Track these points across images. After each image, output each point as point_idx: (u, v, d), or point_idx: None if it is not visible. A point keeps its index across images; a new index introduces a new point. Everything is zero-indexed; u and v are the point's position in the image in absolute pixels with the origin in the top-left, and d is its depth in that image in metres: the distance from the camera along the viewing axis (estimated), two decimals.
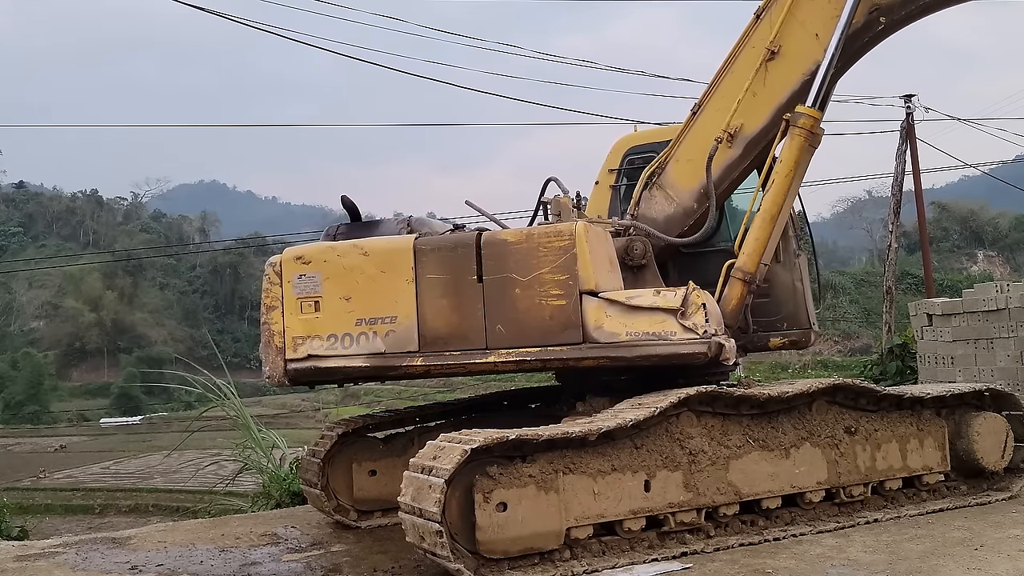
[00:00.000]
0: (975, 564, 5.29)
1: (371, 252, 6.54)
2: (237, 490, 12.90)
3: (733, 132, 6.96)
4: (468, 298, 6.24)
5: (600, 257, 6.26)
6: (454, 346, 6.27)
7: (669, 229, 7.07)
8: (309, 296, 6.57)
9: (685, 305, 5.92)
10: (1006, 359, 10.99)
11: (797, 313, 7.50)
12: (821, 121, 6.78)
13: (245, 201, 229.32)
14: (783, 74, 6.87)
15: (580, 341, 6.00)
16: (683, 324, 5.89)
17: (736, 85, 7.00)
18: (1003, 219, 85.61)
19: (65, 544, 7.23)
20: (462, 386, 47.99)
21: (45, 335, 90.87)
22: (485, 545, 5.12)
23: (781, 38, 6.87)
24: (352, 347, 6.45)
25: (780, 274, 7.38)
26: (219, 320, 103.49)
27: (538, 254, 6.13)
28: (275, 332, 6.62)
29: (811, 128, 6.66)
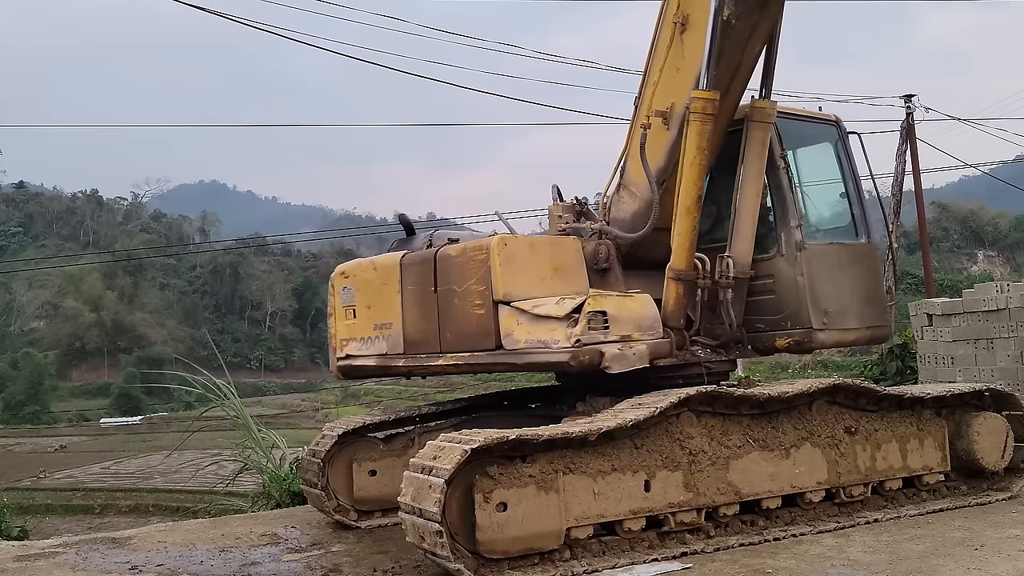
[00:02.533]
0: (975, 564, 5.29)
1: (378, 267, 7.57)
2: (237, 490, 12.89)
3: (667, 113, 6.75)
4: (428, 307, 6.99)
5: (519, 268, 6.56)
6: (422, 350, 7.06)
7: (636, 226, 6.95)
8: (349, 305, 7.71)
9: (574, 314, 6.12)
10: (1006, 359, 10.99)
11: (799, 312, 6.93)
12: (717, 101, 6.48)
13: (245, 201, 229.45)
14: (696, 44, 6.59)
15: (494, 347, 6.44)
16: (567, 332, 6.08)
17: (661, 65, 6.89)
18: (1003, 219, 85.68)
19: (65, 544, 7.23)
20: (462, 386, 48.01)
21: (45, 335, 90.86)
22: (485, 545, 5.11)
23: (685, 6, 6.68)
24: (370, 348, 7.54)
25: (782, 269, 6.96)
26: (219, 320, 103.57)
27: (468, 267, 6.67)
28: (331, 335, 7.87)
29: (705, 111, 6.44)
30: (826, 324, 6.96)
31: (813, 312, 6.91)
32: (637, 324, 6.31)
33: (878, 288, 7.58)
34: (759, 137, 6.86)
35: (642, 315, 6.40)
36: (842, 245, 7.34)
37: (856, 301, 7.20)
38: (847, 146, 7.60)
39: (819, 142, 7.70)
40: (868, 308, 7.28)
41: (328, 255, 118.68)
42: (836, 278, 7.15)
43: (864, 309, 7.26)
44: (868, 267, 7.41)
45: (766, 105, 6.94)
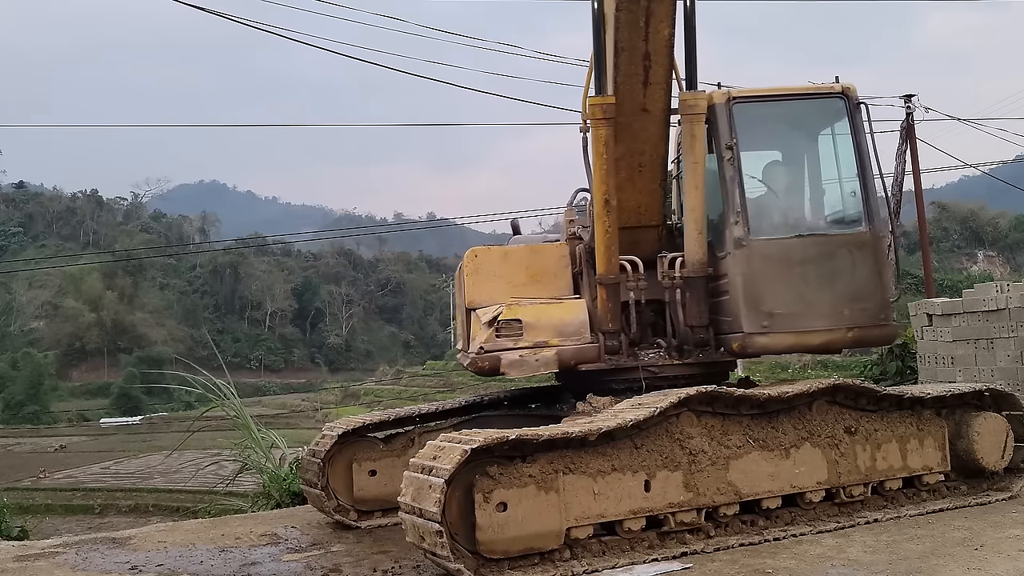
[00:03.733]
0: (975, 564, 5.29)
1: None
2: (237, 490, 12.88)
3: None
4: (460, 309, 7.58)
5: (487, 278, 7.09)
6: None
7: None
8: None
9: (493, 322, 6.65)
10: (1006, 359, 10.99)
11: (737, 316, 6.66)
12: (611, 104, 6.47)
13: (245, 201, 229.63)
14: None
15: (467, 349, 7.12)
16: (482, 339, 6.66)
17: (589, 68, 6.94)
18: (1003, 219, 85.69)
19: (65, 544, 7.23)
20: (462, 386, 48.03)
21: (45, 335, 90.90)
22: (485, 545, 5.11)
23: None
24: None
25: (729, 268, 6.74)
26: (219, 320, 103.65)
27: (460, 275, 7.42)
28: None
29: (595, 115, 6.49)
30: (767, 327, 6.55)
31: (748, 315, 6.57)
32: (557, 330, 6.70)
33: (872, 283, 6.73)
34: (687, 131, 6.69)
35: (565, 321, 6.77)
36: (814, 237, 6.80)
37: (827, 299, 6.62)
38: (855, 122, 6.99)
39: (819, 121, 7.26)
40: (850, 307, 6.62)
41: (328, 255, 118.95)
42: (792, 275, 6.64)
43: (841, 308, 6.62)
44: (857, 259, 6.72)
45: (688, 97, 6.67)
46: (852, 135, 6.96)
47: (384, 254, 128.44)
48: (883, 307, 6.75)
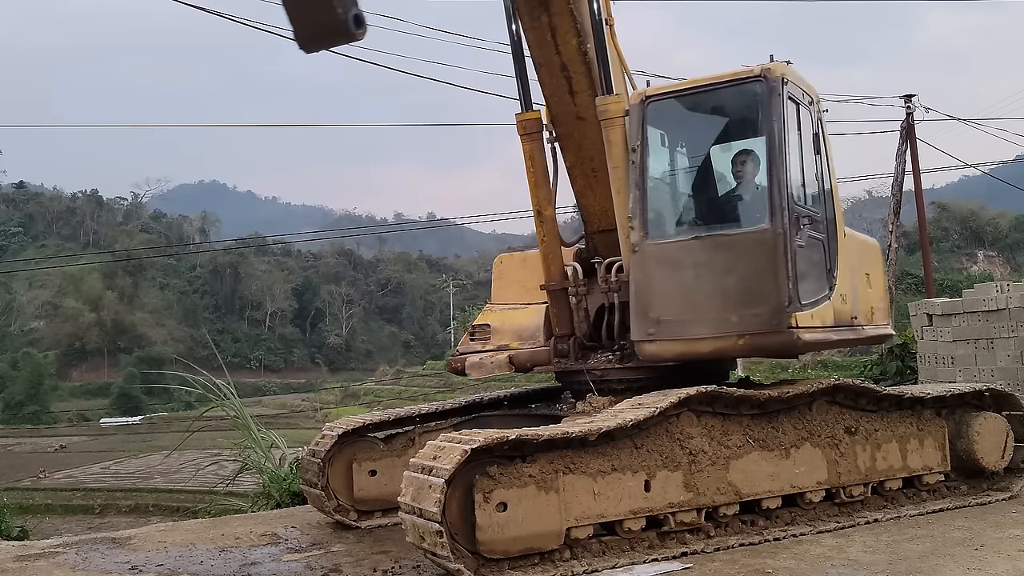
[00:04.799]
0: (975, 564, 5.29)
1: None
2: (237, 490, 12.87)
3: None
4: None
5: (508, 282, 7.68)
6: None
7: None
8: None
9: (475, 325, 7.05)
10: (1006, 359, 10.99)
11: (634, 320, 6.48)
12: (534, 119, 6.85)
13: (245, 201, 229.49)
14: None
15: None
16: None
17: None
18: (1003, 219, 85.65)
19: (65, 544, 7.22)
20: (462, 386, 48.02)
21: (45, 335, 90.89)
22: (485, 545, 5.11)
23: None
24: None
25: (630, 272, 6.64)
26: (219, 320, 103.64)
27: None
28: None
29: (522, 132, 6.86)
30: (653, 335, 6.31)
31: (636, 322, 6.40)
32: (517, 334, 7.07)
33: (766, 286, 6.07)
34: (605, 135, 6.69)
35: (523, 326, 7.17)
36: (711, 238, 6.40)
37: (716, 304, 6.17)
38: (771, 107, 6.29)
39: (740, 110, 6.74)
40: (740, 312, 6.10)
41: (328, 255, 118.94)
42: (682, 280, 6.33)
43: (729, 313, 6.13)
44: (753, 260, 6.15)
45: (601, 102, 6.66)
46: (764, 121, 6.33)
47: (384, 254, 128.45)
48: (777, 312, 5.99)
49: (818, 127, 6.83)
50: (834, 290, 6.69)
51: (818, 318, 6.38)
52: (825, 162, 6.85)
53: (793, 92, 6.46)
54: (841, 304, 6.81)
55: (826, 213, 6.79)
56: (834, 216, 6.93)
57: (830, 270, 6.69)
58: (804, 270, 6.31)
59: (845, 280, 6.94)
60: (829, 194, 6.90)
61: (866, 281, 7.65)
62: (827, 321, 6.53)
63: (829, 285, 6.64)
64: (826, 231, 6.74)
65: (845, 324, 6.91)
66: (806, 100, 6.69)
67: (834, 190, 7.00)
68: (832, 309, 6.62)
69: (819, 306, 6.41)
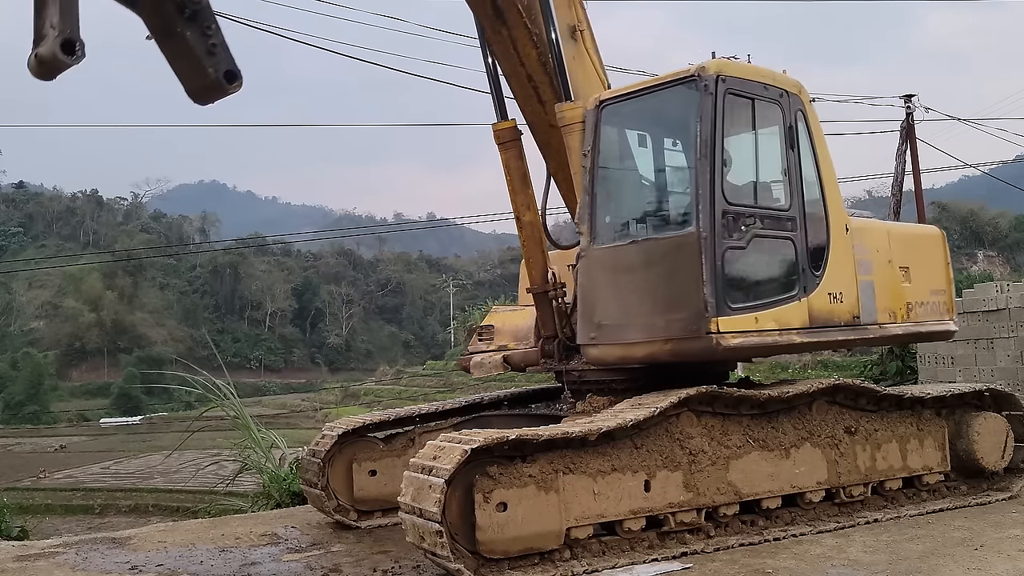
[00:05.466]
0: (975, 564, 5.29)
1: None
2: (237, 490, 12.87)
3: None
4: None
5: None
6: None
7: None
8: None
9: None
10: (1006, 359, 10.99)
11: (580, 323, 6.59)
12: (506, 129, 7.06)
13: (245, 201, 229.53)
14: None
15: None
16: None
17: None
18: (1003, 219, 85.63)
19: (65, 544, 7.22)
20: (462, 386, 48.01)
21: (45, 335, 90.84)
22: (485, 545, 5.11)
23: None
24: None
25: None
26: (219, 320, 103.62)
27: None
28: None
29: (497, 141, 7.06)
30: (595, 339, 6.38)
31: (581, 326, 6.50)
32: (514, 335, 7.28)
33: (689, 290, 5.92)
34: (565, 142, 6.84)
35: (519, 327, 7.35)
36: (645, 243, 6.37)
37: (646, 309, 6.14)
38: (703, 107, 6.15)
39: (682, 110, 6.51)
40: (666, 316, 6.02)
41: (328, 255, 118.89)
42: (619, 284, 6.34)
43: (657, 318, 6.06)
44: (679, 264, 6.02)
45: (557, 111, 6.81)
46: (698, 121, 6.19)
47: (384, 254, 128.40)
48: (698, 318, 5.87)
49: (794, 120, 6.61)
50: (813, 290, 6.47)
51: (771, 321, 6.18)
52: (809, 156, 6.67)
53: (742, 88, 6.31)
54: (830, 303, 6.59)
55: (803, 209, 6.53)
56: (824, 212, 6.71)
57: (805, 269, 6.46)
58: (746, 272, 6.20)
59: (842, 278, 6.75)
60: (816, 188, 6.70)
61: (901, 275, 7.33)
62: (791, 323, 6.30)
63: (803, 285, 6.43)
64: (802, 228, 6.49)
65: (833, 325, 6.63)
66: (771, 94, 6.52)
67: (826, 184, 6.77)
68: (806, 310, 6.40)
69: (772, 309, 6.22)
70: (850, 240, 6.88)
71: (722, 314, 5.87)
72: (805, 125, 6.69)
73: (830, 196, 6.81)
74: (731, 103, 6.23)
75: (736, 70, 6.36)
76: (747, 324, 6.03)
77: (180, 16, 3.74)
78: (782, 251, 6.46)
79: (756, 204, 6.35)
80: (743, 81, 6.35)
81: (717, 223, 5.95)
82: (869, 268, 7.03)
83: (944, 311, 7.80)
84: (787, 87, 6.66)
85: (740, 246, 6.09)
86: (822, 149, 6.81)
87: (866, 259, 7.01)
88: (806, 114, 6.73)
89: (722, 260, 5.94)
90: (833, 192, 6.86)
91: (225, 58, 3.83)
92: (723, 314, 5.87)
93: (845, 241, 6.84)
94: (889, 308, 7.17)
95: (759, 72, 6.54)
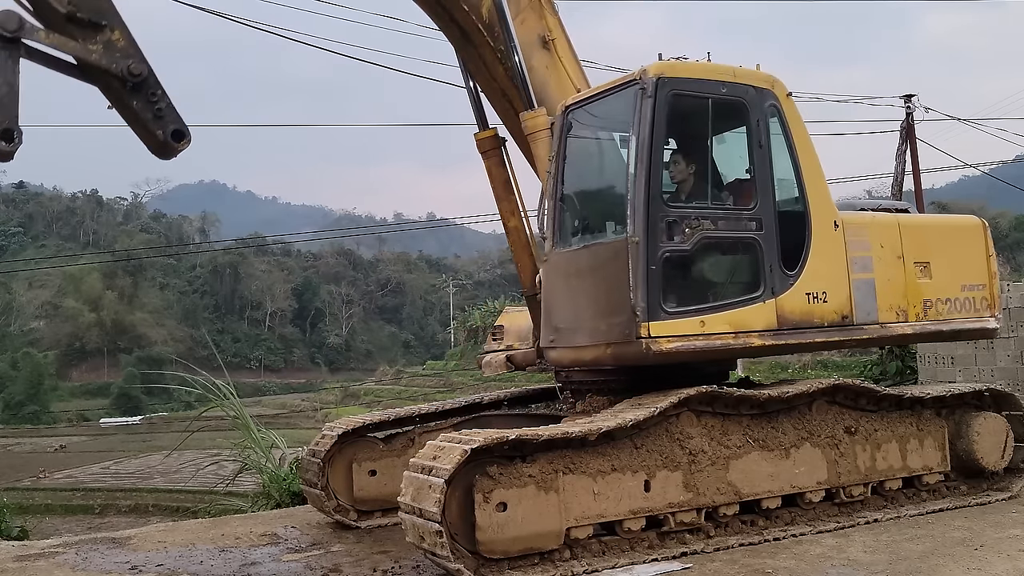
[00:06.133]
0: (975, 564, 5.29)
1: None
2: (237, 490, 12.88)
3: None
4: None
5: None
6: None
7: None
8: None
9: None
10: (1006, 359, 11.00)
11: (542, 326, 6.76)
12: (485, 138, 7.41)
13: (245, 201, 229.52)
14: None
15: None
16: None
17: None
18: (1003, 219, 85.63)
19: (65, 544, 7.23)
20: (462, 386, 48.03)
21: (45, 335, 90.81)
22: (485, 545, 5.11)
23: None
24: None
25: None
26: (219, 320, 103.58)
27: None
28: None
29: (480, 150, 7.38)
30: (553, 341, 6.52)
31: (543, 328, 6.65)
32: (518, 335, 7.48)
33: (623, 294, 5.87)
34: (534, 151, 6.97)
35: (521, 328, 7.54)
36: (594, 246, 6.39)
37: (591, 313, 6.20)
38: (642, 110, 6.03)
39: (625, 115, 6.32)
40: (607, 321, 6.02)
41: (328, 255, 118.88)
42: (571, 288, 6.41)
43: (599, 322, 6.09)
44: (617, 269, 5.94)
45: (522, 119, 6.94)
46: (632, 124, 6.09)
47: (384, 254, 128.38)
48: (629, 322, 5.83)
49: (764, 117, 6.43)
50: (785, 290, 6.30)
51: (724, 324, 6.07)
52: (785, 152, 6.49)
53: (691, 88, 6.19)
54: (809, 304, 6.41)
55: (773, 208, 6.35)
56: (804, 209, 6.52)
57: (774, 269, 6.27)
58: (690, 275, 6.18)
59: (827, 276, 6.55)
60: (793, 186, 6.53)
61: (916, 271, 7.08)
62: (751, 326, 6.17)
63: (770, 286, 6.25)
64: (771, 227, 6.30)
65: (813, 326, 6.46)
66: (734, 92, 6.35)
67: (807, 181, 6.55)
68: (774, 311, 6.24)
69: (726, 311, 6.11)
70: (841, 236, 6.69)
71: (655, 319, 5.81)
72: (780, 120, 6.52)
73: (812, 192, 6.58)
74: (679, 104, 6.14)
75: (683, 71, 6.24)
76: (689, 328, 5.95)
77: (124, 88, 4.30)
78: (741, 252, 6.37)
79: (710, 205, 6.27)
80: (693, 81, 6.22)
81: (654, 227, 5.87)
82: (868, 265, 6.82)
83: (983, 307, 7.48)
84: (754, 82, 6.47)
85: (682, 249, 6.00)
86: (803, 144, 6.60)
87: (865, 256, 6.80)
88: (781, 109, 6.53)
89: (659, 264, 5.87)
90: (817, 188, 6.62)
91: (172, 119, 4.40)
92: (656, 319, 5.82)
93: (833, 238, 6.64)
94: (896, 306, 6.94)
95: (715, 70, 6.36)
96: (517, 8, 7.07)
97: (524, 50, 7.02)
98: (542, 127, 6.85)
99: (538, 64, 7.13)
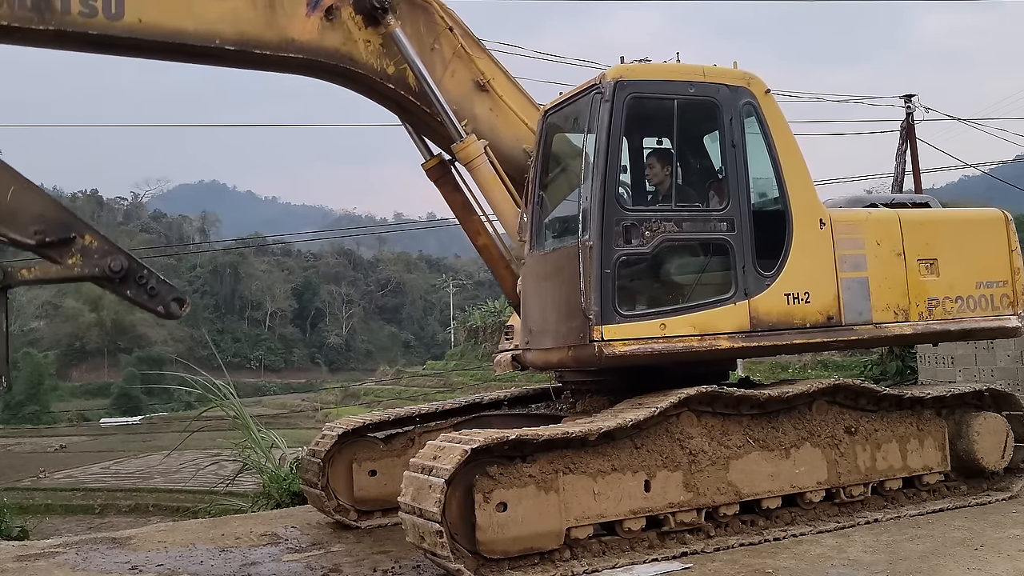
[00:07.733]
0: (975, 564, 5.29)
1: None
2: (237, 490, 12.87)
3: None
4: None
5: None
6: None
7: None
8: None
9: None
10: (1006, 359, 10.99)
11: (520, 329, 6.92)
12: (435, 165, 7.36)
13: (245, 201, 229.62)
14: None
15: None
16: None
17: None
18: None
19: (65, 544, 7.23)
20: (462, 386, 48.03)
21: (45, 335, 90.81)
22: (485, 545, 5.12)
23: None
24: None
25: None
26: (219, 320, 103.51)
27: None
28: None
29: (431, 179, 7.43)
30: (528, 343, 6.63)
31: (521, 330, 6.84)
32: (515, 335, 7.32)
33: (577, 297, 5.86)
34: (474, 177, 6.99)
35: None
36: (558, 250, 6.40)
37: (554, 317, 6.26)
38: (599, 115, 6.03)
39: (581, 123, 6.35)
40: (567, 324, 6.05)
41: (328, 255, 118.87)
42: (541, 291, 6.47)
43: (560, 325, 6.15)
44: (569, 274, 5.98)
45: (455, 150, 6.94)
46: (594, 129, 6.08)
47: (384, 254, 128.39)
48: (584, 326, 5.83)
49: (739, 116, 6.35)
50: (759, 292, 6.23)
51: (688, 326, 6.02)
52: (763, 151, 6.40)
53: (654, 90, 6.17)
54: (788, 305, 6.32)
55: (747, 208, 6.26)
56: (785, 209, 6.43)
57: (747, 270, 6.19)
58: (650, 278, 6.16)
59: (811, 276, 6.44)
60: (772, 185, 6.46)
61: (921, 268, 6.93)
62: (719, 328, 6.11)
63: (742, 288, 6.18)
64: (745, 228, 6.21)
65: (793, 327, 6.37)
66: (703, 91, 6.27)
67: (789, 179, 6.44)
68: (746, 313, 6.17)
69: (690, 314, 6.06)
70: (828, 235, 6.56)
71: (608, 322, 5.79)
72: (757, 119, 6.42)
73: (795, 191, 6.47)
74: (641, 107, 6.13)
75: (644, 73, 6.21)
76: (647, 331, 5.92)
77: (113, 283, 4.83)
78: (710, 253, 6.31)
79: (674, 207, 6.25)
80: (655, 83, 6.18)
81: (609, 230, 5.86)
82: (861, 263, 6.69)
83: (1004, 305, 7.19)
84: (727, 81, 6.38)
85: (641, 253, 5.99)
86: (784, 142, 6.48)
87: (857, 254, 6.66)
88: (758, 107, 6.42)
89: (614, 267, 5.85)
90: (799, 186, 6.50)
91: (165, 292, 4.85)
92: (610, 322, 5.79)
93: (818, 236, 6.52)
94: (895, 305, 6.82)
95: (682, 71, 6.29)
96: (444, 62, 6.92)
97: (462, 101, 6.93)
98: (475, 155, 6.80)
99: (480, 110, 7.03)
